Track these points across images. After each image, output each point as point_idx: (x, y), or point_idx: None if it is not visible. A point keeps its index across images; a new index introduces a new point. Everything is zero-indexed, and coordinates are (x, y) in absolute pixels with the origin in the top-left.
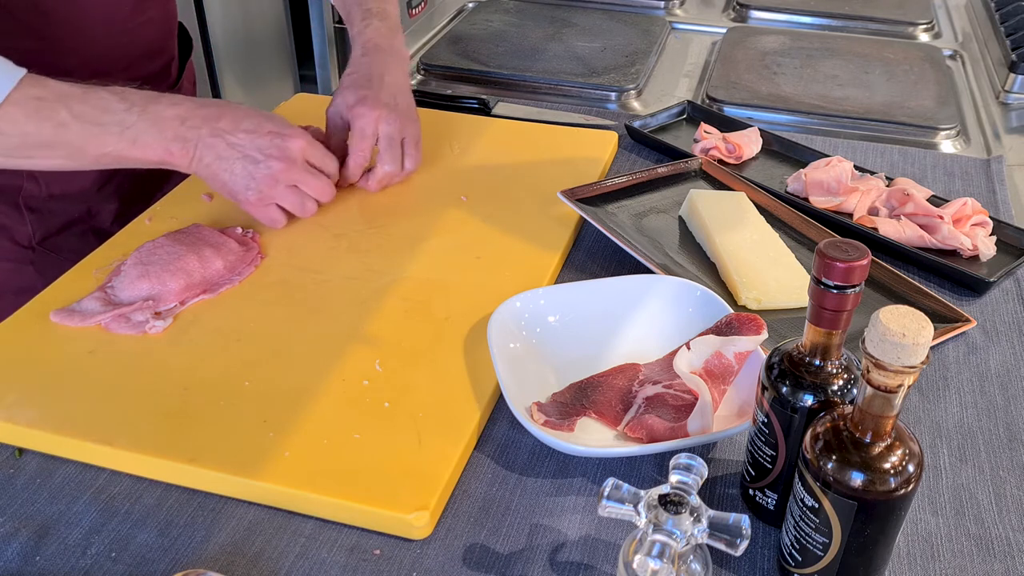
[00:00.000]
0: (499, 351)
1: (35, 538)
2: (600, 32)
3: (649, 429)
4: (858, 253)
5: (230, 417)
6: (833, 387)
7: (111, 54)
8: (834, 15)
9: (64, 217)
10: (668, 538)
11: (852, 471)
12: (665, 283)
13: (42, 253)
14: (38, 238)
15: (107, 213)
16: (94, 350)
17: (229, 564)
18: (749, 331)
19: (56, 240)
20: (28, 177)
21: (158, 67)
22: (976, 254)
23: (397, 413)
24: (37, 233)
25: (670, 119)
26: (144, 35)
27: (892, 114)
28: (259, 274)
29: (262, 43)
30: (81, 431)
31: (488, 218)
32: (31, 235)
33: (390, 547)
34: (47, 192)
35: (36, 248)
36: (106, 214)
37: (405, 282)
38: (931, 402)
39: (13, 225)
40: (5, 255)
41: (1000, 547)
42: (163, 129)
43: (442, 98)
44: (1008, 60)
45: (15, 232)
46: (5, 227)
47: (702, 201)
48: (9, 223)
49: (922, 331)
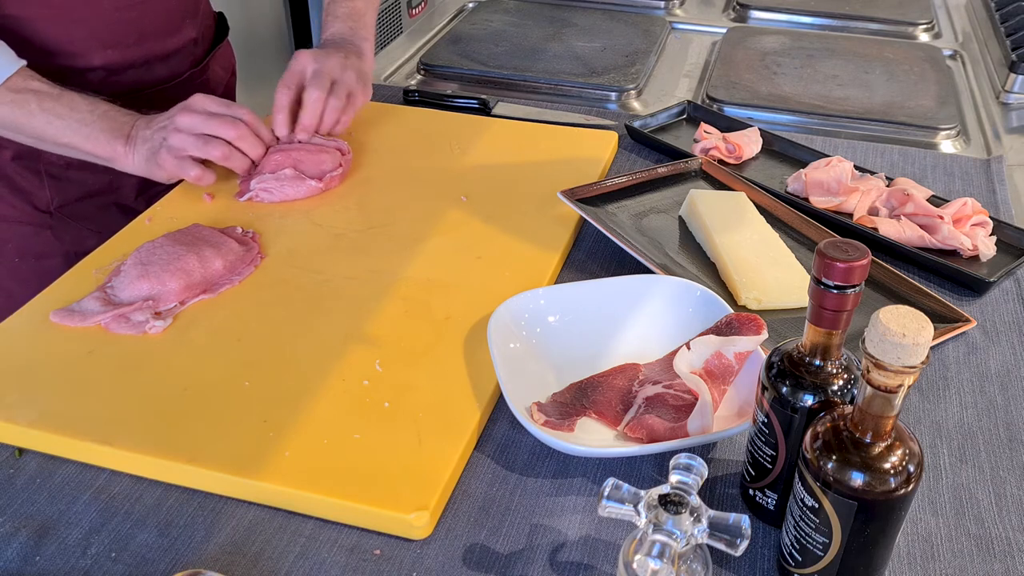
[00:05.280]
0: (499, 351)
1: (35, 538)
2: (600, 32)
3: (649, 429)
4: (858, 253)
5: (230, 417)
6: (833, 387)
7: (121, 27)
8: (834, 15)
9: (84, 186)
10: (668, 538)
11: (852, 471)
12: (665, 283)
13: (60, 219)
14: (56, 204)
15: (129, 187)
16: (94, 350)
17: (229, 564)
18: (749, 331)
19: (76, 207)
20: None
21: (175, 46)
22: (976, 254)
23: (397, 413)
24: (56, 199)
25: (670, 119)
26: (155, 11)
27: (892, 114)
28: (259, 274)
29: (262, 42)
30: (81, 431)
31: (488, 218)
32: (50, 200)
33: (390, 547)
34: (66, 160)
35: (54, 213)
36: (128, 188)
37: (405, 282)
38: (931, 402)
39: (33, 190)
40: (25, 218)
41: (1000, 547)
42: (114, 129)
43: (442, 98)
44: (1008, 60)
45: (34, 197)
46: (25, 191)
47: (702, 201)
48: (29, 187)
49: (922, 331)
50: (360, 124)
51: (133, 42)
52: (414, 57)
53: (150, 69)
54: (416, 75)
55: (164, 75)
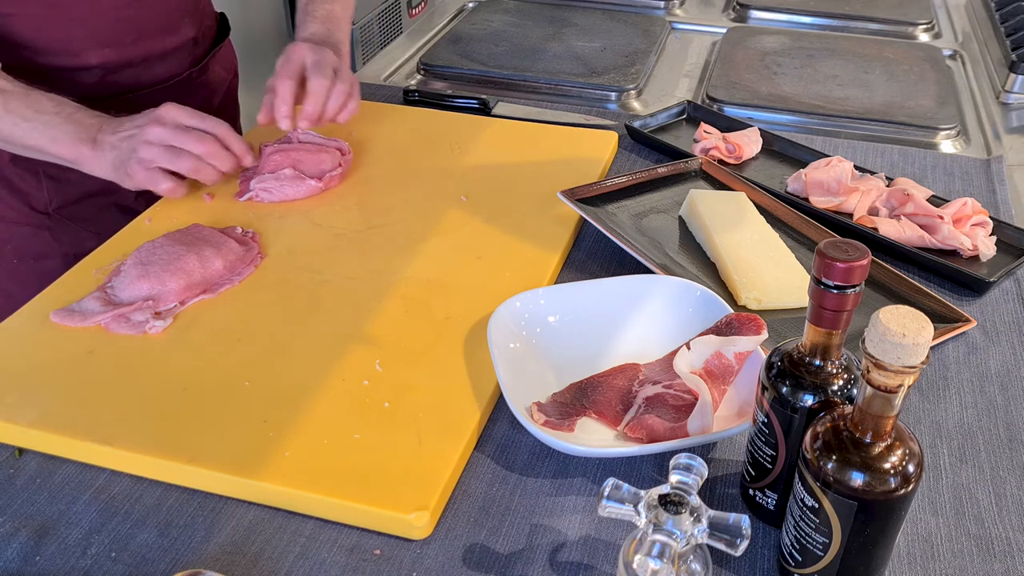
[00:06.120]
0: (499, 351)
1: (35, 538)
2: (600, 32)
3: (649, 429)
4: (858, 253)
5: (230, 417)
6: (833, 387)
7: (118, 26)
8: (834, 15)
9: (83, 187)
10: (668, 538)
11: (852, 471)
12: (665, 283)
13: (59, 220)
14: (55, 205)
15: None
16: (94, 350)
17: (229, 564)
18: (749, 331)
19: (74, 209)
20: None
21: (174, 45)
22: (976, 254)
23: (397, 413)
24: (54, 200)
25: (670, 119)
26: (154, 10)
27: (892, 114)
28: (259, 274)
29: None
30: (81, 431)
31: (488, 218)
32: (48, 201)
33: (390, 547)
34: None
35: (52, 215)
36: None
37: (405, 282)
38: (931, 402)
39: (31, 191)
40: (23, 219)
41: (1000, 547)
42: (79, 132)
43: (442, 98)
44: (1008, 60)
45: (32, 198)
46: (23, 192)
47: (702, 201)
48: (27, 188)
49: (922, 331)
50: (360, 124)
51: (131, 41)
52: (414, 57)
53: (148, 68)
54: (416, 75)
55: (163, 75)
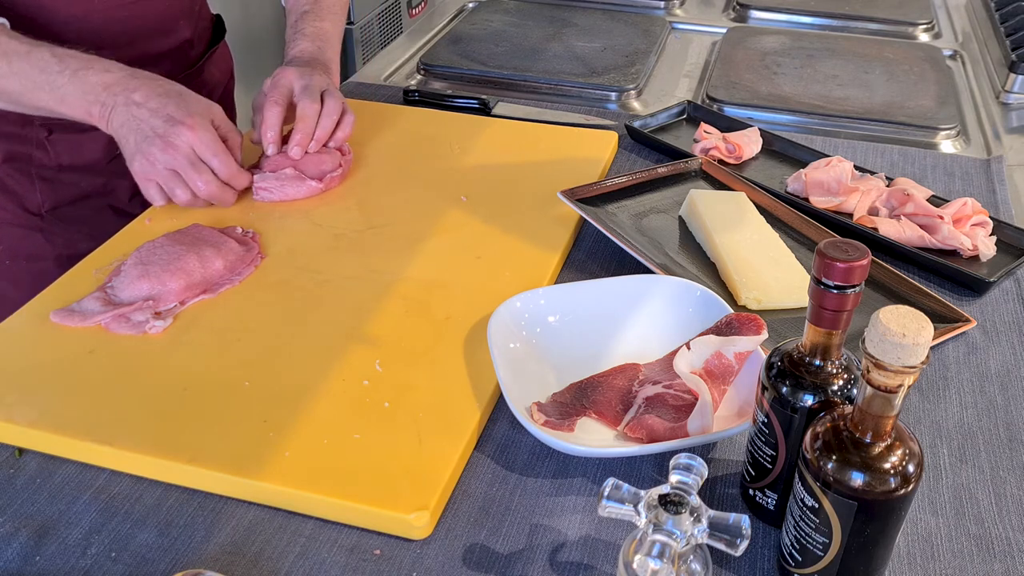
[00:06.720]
0: (499, 351)
1: (35, 538)
2: (600, 32)
3: (649, 429)
4: (858, 253)
5: (230, 417)
6: (833, 387)
7: (111, 28)
8: (834, 15)
9: (77, 189)
10: (668, 538)
11: (852, 471)
12: (665, 283)
13: (52, 221)
14: (48, 207)
15: (123, 190)
16: (94, 350)
17: (229, 564)
18: (749, 331)
19: (69, 210)
20: (37, 146)
21: (169, 47)
22: (976, 254)
23: (397, 413)
24: (47, 202)
25: (670, 119)
26: (148, 11)
27: (892, 114)
28: (259, 274)
29: (261, 46)
30: (81, 431)
31: (488, 218)
32: (40, 203)
33: (390, 547)
34: (56, 162)
35: (45, 216)
36: (122, 191)
37: (405, 282)
38: (931, 402)
39: (24, 192)
40: (15, 221)
41: (1000, 547)
42: (87, 92)
43: (442, 98)
44: (1008, 60)
45: (25, 199)
46: (16, 193)
47: (702, 201)
48: (20, 190)
49: (922, 331)
50: (360, 124)
51: (125, 42)
52: (414, 57)
53: (143, 69)
54: (416, 75)
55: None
